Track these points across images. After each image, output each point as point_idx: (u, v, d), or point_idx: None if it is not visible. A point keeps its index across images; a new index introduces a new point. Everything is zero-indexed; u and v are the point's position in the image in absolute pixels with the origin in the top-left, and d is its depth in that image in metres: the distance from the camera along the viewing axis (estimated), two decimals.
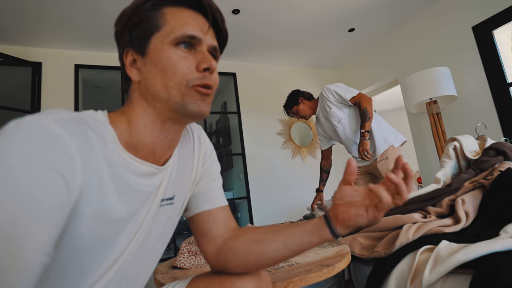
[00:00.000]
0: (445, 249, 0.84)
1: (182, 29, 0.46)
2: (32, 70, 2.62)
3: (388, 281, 0.90)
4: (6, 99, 3.34)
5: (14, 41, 2.55)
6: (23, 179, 0.32)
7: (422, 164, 2.87)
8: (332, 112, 1.91)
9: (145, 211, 0.49)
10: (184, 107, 0.46)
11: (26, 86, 2.63)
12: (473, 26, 2.33)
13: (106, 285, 0.45)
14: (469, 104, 2.41)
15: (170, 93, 0.46)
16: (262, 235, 0.56)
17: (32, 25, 2.36)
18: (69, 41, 2.64)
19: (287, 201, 3.24)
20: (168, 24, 0.46)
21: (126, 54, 0.49)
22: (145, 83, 0.47)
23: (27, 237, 0.31)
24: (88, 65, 2.82)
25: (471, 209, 1.05)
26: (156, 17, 0.47)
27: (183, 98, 0.46)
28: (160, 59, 0.46)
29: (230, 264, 0.56)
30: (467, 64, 2.40)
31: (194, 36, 0.47)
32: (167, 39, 0.46)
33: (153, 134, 0.48)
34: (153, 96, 0.47)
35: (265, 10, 2.45)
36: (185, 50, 0.47)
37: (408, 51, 2.93)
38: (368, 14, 2.71)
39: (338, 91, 1.87)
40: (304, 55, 3.42)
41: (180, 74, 0.45)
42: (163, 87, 0.46)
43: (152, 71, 0.46)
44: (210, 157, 0.63)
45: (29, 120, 0.35)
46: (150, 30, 0.47)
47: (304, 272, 0.80)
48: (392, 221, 1.11)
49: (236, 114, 3.31)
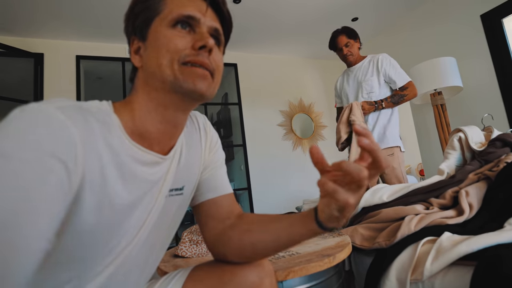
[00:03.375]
0: (448, 240, 0.83)
1: (179, 10, 0.47)
2: (34, 61, 2.63)
3: (388, 272, 0.90)
4: (8, 90, 3.35)
5: (16, 32, 2.55)
6: (21, 166, 0.32)
7: (425, 156, 2.85)
8: (370, 80, 1.79)
9: (152, 200, 0.49)
10: (180, 86, 0.45)
11: (28, 77, 2.66)
12: (481, 15, 2.27)
13: (115, 272, 0.46)
14: (474, 95, 2.37)
15: (164, 72, 0.45)
16: (257, 225, 0.56)
17: (34, 16, 2.36)
18: (70, 32, 2.64)
19: (288, 192, 3.24)
20: (168, 8, 0.47)
21: (132, 43, 0.50)
22: (145, 67, 0.48)
23: (25, 223, 0.31)
24: (90, 56, 2.82)
25: (475, 201, 1.03)
26: (157, 2, 0.47)
27: (176, 76, 0.44)
28: (157, 39, 0.46)
29: (228, 252, 0.56)
30: (474, 54, 2.34)
31: (191, 16, 0.47)
32: (165, 21, 0.46)
33: (157, 120, 0.48)
34: (152, 79, 0.47)
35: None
36: (182, 30, 0.46)
37: (413, 41, 2.87)
38: (371, 3, 2.65)
39: (397, 69, 1.77)
40: (306, 45, 3.38)
41: (173, 51, 0.45)
42: (157, 66, 0.45)
43: (150, 53, 0.47)
44: (216, 145, 0.64)
45: (33, 107, 0.35)
46: (151, 16, 0.47)
47: (304, 261, 0.79)
48: (394, 212, 1.10)
49: (237, 105, 3.29)
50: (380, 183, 1.84)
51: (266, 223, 0.55)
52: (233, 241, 0.56)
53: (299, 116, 3.54)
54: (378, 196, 1.22)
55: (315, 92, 3.68)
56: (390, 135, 1.80)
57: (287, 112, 3.46)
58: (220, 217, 0.59)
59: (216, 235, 0.58)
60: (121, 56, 2.92)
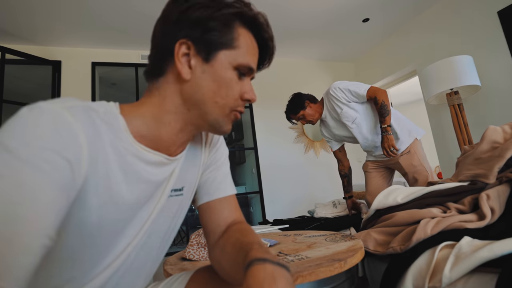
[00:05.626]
0: (468, 245, 0.78)
1: (249, 59, 0.49)
2: (52, 68, 2.74)
3: (404, 278, 0.86)
4: (28, 97, 3.50)
5: (36, 41, 2.66)
6: (25, 161, 0.32)
7: (442, 158, 2.75)
8: (344, 112, 1.76)
9: (155, 201, 0.49)
10: (221, 126, 0.50)
11: (47, 84, 2.76)
12: (498, 11, 2.19)
13: (114, 273, 0.46)
14: (493, 94, 2.27)
15: (214, 110, 0.48)
16: (228, 248, 0.51)
17: (53, 26, 2.46)
18: (86, 39, 2.73)
19: (300, 196, 3.20)
20: (241, 49, 0.48)
21: (181, 44, 0.46)
22: (194, 88, 0.47)
23: (27, 218, 0.31)
24: (104, 63, 2.91)
25: (497, 205, 0.97)
26: (231, 33, 0.47)
27: (223, 118, 0.49)
28: (222, 76, 0.47)
29: (222, 263, 0.52)
30: (492, 51, 2.26)
31: (252, 69, 0.50)
32: (234, 61, 0.47)
33: (173, 132, 0.49)
34: (195, 103, 0.48)
35: (278, 1, 2.40)
36: (238, 76, 0.49)
37: (427, 40, 2.80)
38: (382, 3, 2.60)
39: (350, 88, 1.73)
40: (317, 48, 3.36)
41: (231, 98, 0.48)
42: (212, 102, 0.47)
43: (208, 82, 0.47)
44: (218, 142, 0.63)
45: (41, 106, 0.36)
46: (223, 43, 0.47)
47: (314, 266, 0.76)
48: (409, 216, 1.05)
49: (248, 108, 3.30)
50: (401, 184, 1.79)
51: (231, 250, 0.49)
52: (226, 252, 0.51)
53: None
54: (392, 198, 1.18)
55: None
56: (401, 136, 1.75)
57: None
58: (214, 223, 0.58)
59: (213, 242, 0.57)
60: (134, 62, 2.99)
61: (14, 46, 2.58)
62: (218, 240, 0.55)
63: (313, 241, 1.08)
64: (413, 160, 1.73)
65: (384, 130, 1.64)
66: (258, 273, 0.36)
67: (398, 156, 1.75)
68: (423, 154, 1.76)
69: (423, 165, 1.73)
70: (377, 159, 1.90)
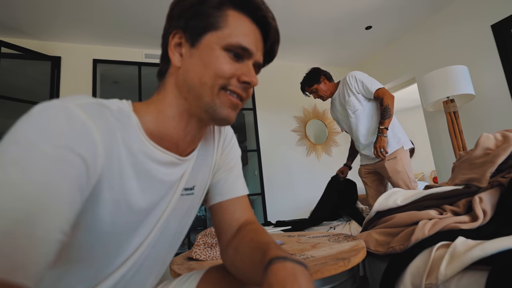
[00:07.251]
0: (462, 245, 0.83)
1: (238, 38, 0.46)
2: (52, 64, 2.62)
3: (403, 276, 0.90)
4: (25, 93, 3.31)
5: (34, 36, 2.53)
6: (44, 157, 0.32)
7: (438, 163, 2.82)
8: (350, 100, 1.86)
9: (167, 201, 0.49)
10: (214, 110, 0.46)
11: (45, 80, 2.64)
12: (492, 25, 2.28)
13: (126, 273, 0.46)
14: (487, 103, 2.36)
15: (204, 91, 0.45)
16: (242, 247, 0.51)
17: (52, 20, 2.35)
18: (87, 35, 2.62)
19: (302, 198, 3.23)
20: (228, 28, 0.46)
21: (173, 35, 0.48)
22: (184, 73, 0.47)
23: (42, 213, 0.31)
24: (106, 60, 2.82)
25: (489, 207, 1.03)
26: (218, 15, 0.46)
27: (213, 99, 0.46)
28: (208, 56, 0.45)
29: (236, 262, 0.51)
30: (485, 63, 2.35)
31: (247, 49, 0.47)
32: (221, 41, 0.45)
33: (179, 126, 0.48)
34: (187, 89, 0.47)
35: (283, 6, 2.46)
36: (232, 58, 0.46)
37: (425, 49, 2.88)
38: (385, 11, 2.68)
39: (364, 81, 1.81)
40: (321, 53, 3.41)
41: (220, 75, 0.45)
42: (199, 82, 0.46)
43: (195, 64, 0.46)
44: (230, 143, 0.62)
45: (55, 104, 0.36)
46: (208, 26, 0.46)
47: (320, 264, 0.79)
48: (408, 217, 1.11)
49: (252, 110, 3.32)
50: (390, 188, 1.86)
51: (246, 250, 0.49)
52: (240, 252, 0.50)
53: (313, 122, 3.57)
54: (392, 200, 1.23)
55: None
56: (390, 140, 1.81)
57: (301, 118, 3.48)
58: (226, 222, 0.57)
59: (225, 242, 0.56)
60: (137, 60, 2.94)
61: (11, 40, 2.44)
62: (231, 240, 0.55)
63: (317, 242, 1.12)
64: (398, 166, 1.79)
65: (380, 131, 1.72)
66: (279, 271, 0.36)
67: (385, 160, 1.82)
68: (408, 162, 1.83)
69: (406, 173, 1.79)
70: (368, 162, 1.96)
